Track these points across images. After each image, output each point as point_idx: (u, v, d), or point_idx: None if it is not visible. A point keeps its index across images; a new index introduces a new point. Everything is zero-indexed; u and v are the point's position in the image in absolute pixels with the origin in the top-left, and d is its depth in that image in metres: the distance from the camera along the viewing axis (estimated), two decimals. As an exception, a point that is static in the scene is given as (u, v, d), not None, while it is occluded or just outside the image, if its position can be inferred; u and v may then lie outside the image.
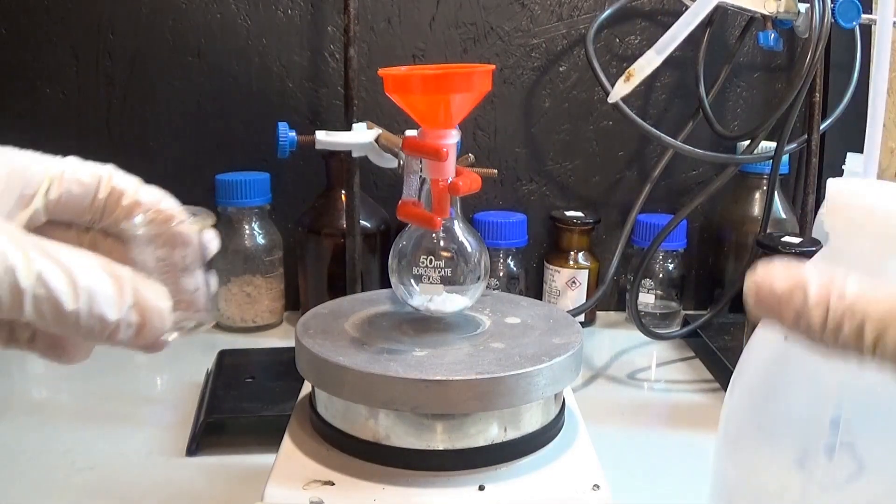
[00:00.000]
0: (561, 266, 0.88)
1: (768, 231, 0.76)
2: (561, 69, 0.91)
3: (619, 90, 0.37)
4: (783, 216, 0.86)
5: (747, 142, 0.77)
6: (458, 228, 0.47)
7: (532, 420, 0.44)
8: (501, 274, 0.86)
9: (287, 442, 0.45)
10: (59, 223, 0.36)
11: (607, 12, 0.84)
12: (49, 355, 0.36)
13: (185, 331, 0.36)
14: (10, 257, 0.29)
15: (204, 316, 0.36)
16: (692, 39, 0.89)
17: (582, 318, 0.88)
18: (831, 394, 0.31)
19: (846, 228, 0.32)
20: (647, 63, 0.36)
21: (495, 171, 0.75)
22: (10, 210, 0.34)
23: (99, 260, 0.31)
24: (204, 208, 0.81)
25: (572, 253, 0.88)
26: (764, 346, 0.35)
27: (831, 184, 0.33)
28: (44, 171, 0.34)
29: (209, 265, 0.37)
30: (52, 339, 0.35)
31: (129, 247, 0.35)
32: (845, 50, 0.83)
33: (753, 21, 0.81)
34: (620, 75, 0.90)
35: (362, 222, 0.81)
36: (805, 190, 0.74)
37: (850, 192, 0.32)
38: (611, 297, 0.95)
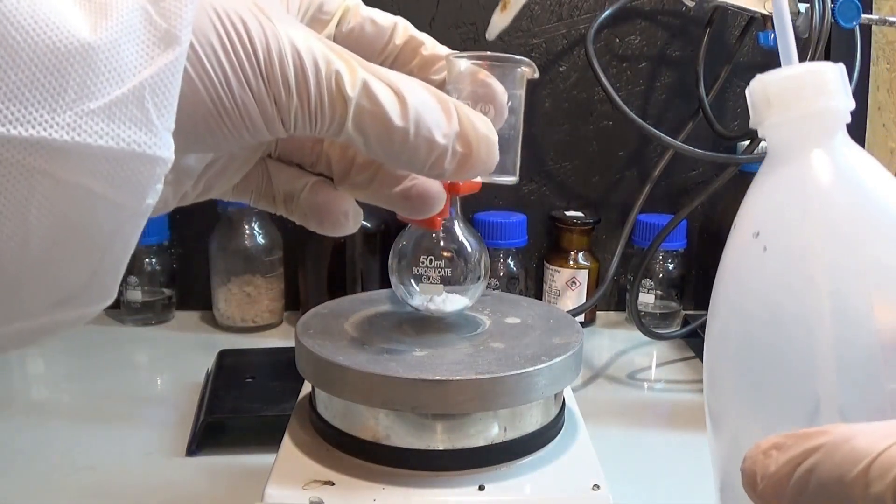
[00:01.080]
0: (561, 266, 0.88)
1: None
2: (561, 69, 0.91)
3: (497, 22, 0.36)
4: (783, 216, 0.86)
5: (747, 142, 0.77)
6: (458, 228, 0.47)
7: (532, 420, 0.44)
8: (501, 274, 0.86)
9: (287, 442, 0.45)
10: None
11: (607, 12, 0.84)
12: (307, 221, 0.34)
13: (487, 175, 0.33)
14: (335, 63, 0.26)
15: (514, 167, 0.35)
16: (692, 39, 0.89)
17: (582, 318, 0.88)
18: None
19: (771, 114, 0.31)
20: None
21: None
22: None
23: (422, 83, 0.29)
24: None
25: (572, 253, 0.88)
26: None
27: (754, 81, 0.32)
28: (339, 1, 0.32)
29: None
30: (314, 205, 0.33)
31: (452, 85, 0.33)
32: (845, 50, 0.83)
33: (753, 21, 0.81)
34: (621, 75, 0.91)
35: (362, 222, 0.81)
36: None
37: (770, 81, 0.32)
38: (611, 297, 0.95)
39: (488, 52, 0.34)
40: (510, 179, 0.36)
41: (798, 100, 0.30)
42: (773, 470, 0.23)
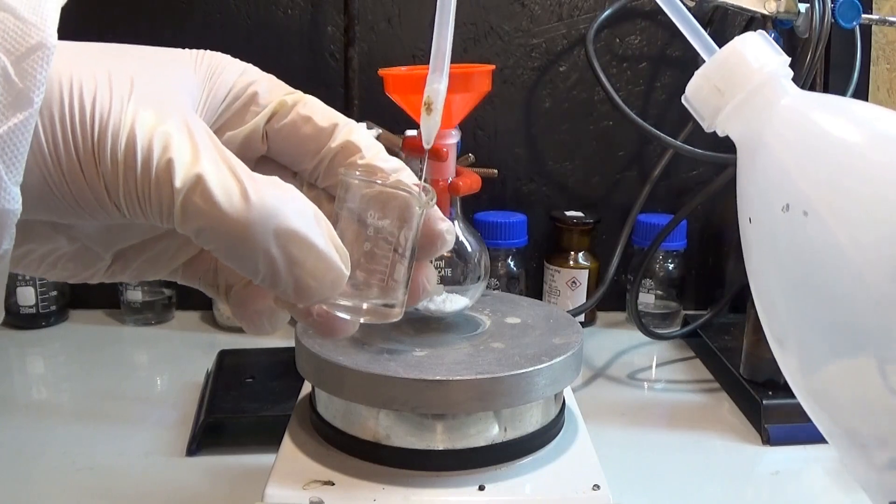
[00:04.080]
0: (561, 266, 0.88)
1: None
2: (561, 69, 0.91)
3: (429, 127, 0.33)
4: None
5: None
6: (458, 228, 0.47)
7: (532, 420, 0.44)
8: (501, 274, 0.86)
9: (287, 442, 0.45)
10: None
11: (607, 12, 0.84)
12: (237, 315, 0.32)
13: (361, 313, 0.30)
14: (172, 152, 0.25)
15: (390, 308, 0.31)
16: (692, 39, 0.89)
17: (582, 318, 0.88)
18: None
19: (726, 100, 0.32)
20: (439, 83, 0.33)
21: (495, 171, 0.75)
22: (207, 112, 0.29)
23: (294, 193, 0.26)
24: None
25: (572, 253, 0.88)
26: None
27: (692, 83, 0.33)
28: (270, 94, 0.30)
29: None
30: (238, 301, 0.32)
31: (339, 200, 0.30)
32: (845, 50, 0.83)
33: (753, 21, 0.81)
34: (621, 75, 0.91)
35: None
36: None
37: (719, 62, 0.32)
38: (611, 297, 0.95)
39: (381, 180, 0.30)
40: (388, 318, 0.32)
41: (746, 73, 0.31)
42: None
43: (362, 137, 0.31)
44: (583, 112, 0.91)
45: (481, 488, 0.41)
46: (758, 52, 0.32)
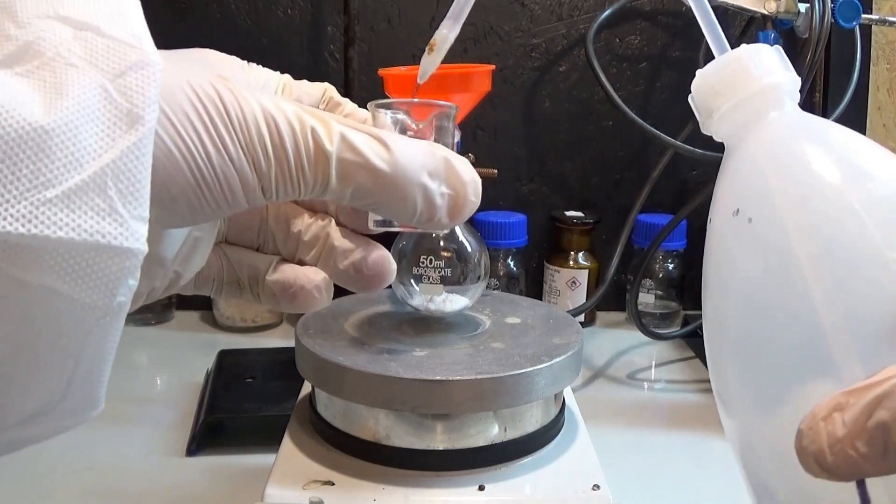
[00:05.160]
0: (561, 266, 0.88)
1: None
2: (561, 69, 0.91)
3: (426, 66, 0.37)
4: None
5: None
6: (458, 228, 0.47)
7: (532, 420, 0.44)
8: (501, 274, 0.86)
9: (287, 442, 0.45)
10: None
11: (607, 12, 0.84)
12: (277, 301, 0.32)
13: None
14: (308, 121, 0.26)
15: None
16: (693, 39, 0.89)
17: (582, 318, 0.88)
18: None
19: (720, 102, 0.32)
20: (448, 30, 0.37)
21: (495, 171, 0.74)
22: None
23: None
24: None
25: (572, 253, 0.88)
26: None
27: (696, 81, 0.34)
28: (273, 76, 0.33)
29: None
30: (283, 284, 0.32)
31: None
32: (845, 50, 0.83)
33: (753, 21, 0.81)
34: (621, 75, 0.91)
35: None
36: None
37: (710, 72, 0.33)
38: (611, 297, 0.95)
39: (415, 99, 0.33)
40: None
41: (744, 80, 0.32)
42: (841, 433, 0.20)
43: (338, 96, 0.34)
44: (583, 112, 0.91)
45: (481, 488, 0.41)
46: (764, 63, 0.32)
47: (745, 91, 0.32)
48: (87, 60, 0.21)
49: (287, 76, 0.34)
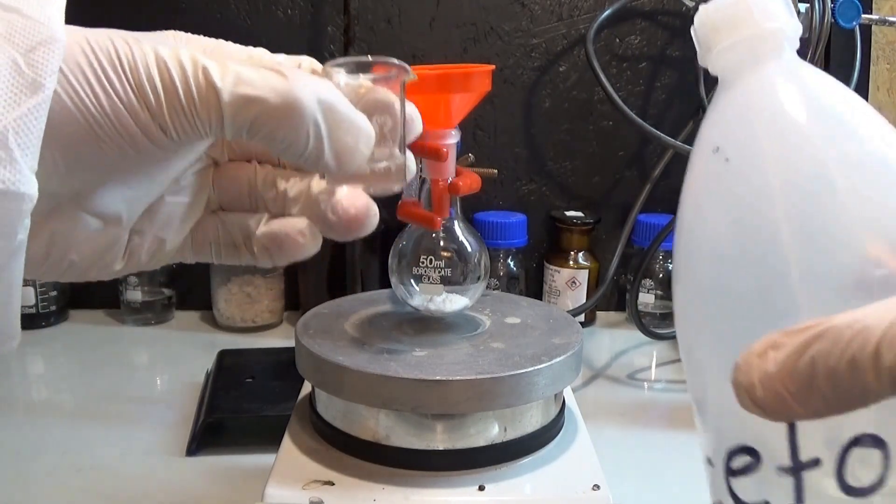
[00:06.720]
0: (561, 266, 0.88)
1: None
2: (561, 69, 0.91)
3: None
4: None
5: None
6: (458, 228, 0.47)
7: (532, 420, 0.44)
8: (501, 274, 0.86)
9: (287, 442, 0.45)
10: None
11: (607, 12, 0.84)
12: (268, 254, 0.34)
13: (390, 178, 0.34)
14: (202, 61, 0.27)
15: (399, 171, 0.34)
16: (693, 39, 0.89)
17: (582, 318, 0.88)
18: None
19: (719, 39, 0.32)
20: None
21: (495, 171, 0.75)
22: None
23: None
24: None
25: (572, 253, 0.88)
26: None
27: (698, 15, 0.33)
28: (240, 50, 0.34)
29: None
30: (270, 235, 0.34)
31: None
32: (845, 50, 0.83)
33: (753, 21, 0.81)
34: (621, 75, 0.91)
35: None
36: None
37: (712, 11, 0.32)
38: (611, 297, 0.95)
39: (367, 58, 0.34)
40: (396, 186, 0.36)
41: (745, 21, 0.31)
42: (773, 370, 0.21)
43: (313, 64, 0.35)
44: (583, 112, 0.91)
45: (481, 488, 0.41)
46: (768, 7, 0.32)
47: (745, 32, 0.32)
48: (5, 37, 0.25)
49: (261, 49, 0.34)
